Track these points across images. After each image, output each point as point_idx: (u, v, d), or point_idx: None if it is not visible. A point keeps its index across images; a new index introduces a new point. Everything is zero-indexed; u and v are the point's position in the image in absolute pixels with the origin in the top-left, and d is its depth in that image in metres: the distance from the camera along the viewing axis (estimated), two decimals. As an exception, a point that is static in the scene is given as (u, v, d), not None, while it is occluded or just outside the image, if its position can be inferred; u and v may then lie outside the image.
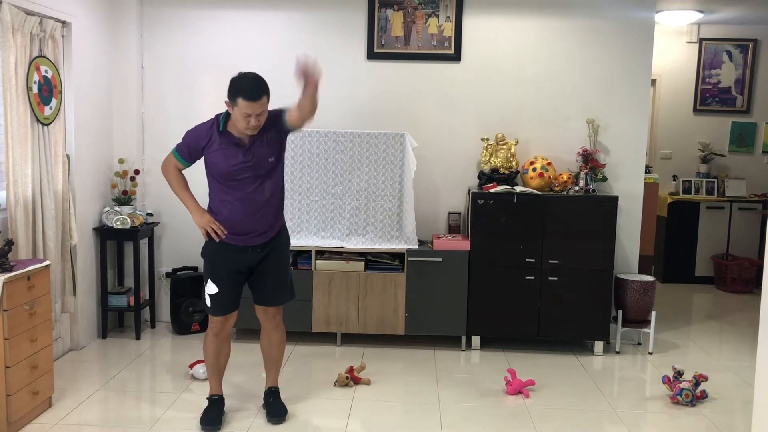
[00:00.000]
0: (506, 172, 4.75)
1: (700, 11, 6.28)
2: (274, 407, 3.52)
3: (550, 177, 4.71)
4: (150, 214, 4.97)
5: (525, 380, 3.95)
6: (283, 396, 3.61)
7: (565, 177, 4.71)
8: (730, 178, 7.01)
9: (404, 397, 3.88)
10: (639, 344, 4.89)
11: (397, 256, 4.66)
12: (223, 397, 3.52)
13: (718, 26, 6.94)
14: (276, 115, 3.27)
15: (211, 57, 4.95)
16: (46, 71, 4.02)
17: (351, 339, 4.78)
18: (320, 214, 4.71)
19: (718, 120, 7.13)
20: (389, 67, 4.96)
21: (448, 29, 4.90)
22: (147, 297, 5.02)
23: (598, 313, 4.59)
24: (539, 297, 4.59)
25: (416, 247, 4.65)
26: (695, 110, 7.14)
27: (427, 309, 4.62)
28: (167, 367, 4.31)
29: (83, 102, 4.48)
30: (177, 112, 4.98)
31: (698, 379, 3.87)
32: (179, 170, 3.37)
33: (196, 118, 3.55)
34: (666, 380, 3.94)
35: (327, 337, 4.78)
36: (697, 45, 7.03)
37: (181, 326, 4.89)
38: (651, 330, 4.68)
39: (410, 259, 4.60)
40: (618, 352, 4.71)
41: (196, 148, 3.28)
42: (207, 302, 3.39)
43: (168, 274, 5.05)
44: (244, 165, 3.21)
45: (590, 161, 4.76)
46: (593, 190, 4.68)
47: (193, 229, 4.19)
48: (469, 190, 4.76)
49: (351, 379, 3.98)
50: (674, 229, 6.88)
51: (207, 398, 3.50)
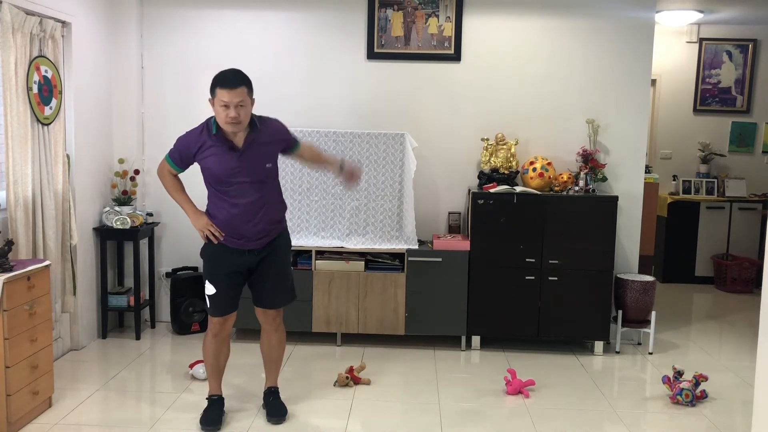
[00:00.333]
0: (506, 172, 4.75)
1: (700, 11, 6.28)
2: (274, 407, 3.52)
3: (550, 177, 4.71)
4: (150, 214, 4.97)
5: (525, 380, 3.95)
6: (283, 396, 3.61)
7: (565, 177, 4.71)
8: (730, 178, 7.01)
9: (404, 397, 3.88)
10: (639, 344, 4.89)
11: (397, 256, 4.66)
12: (223, 398, 3.52)
13: (718, 26, 6.94)
14: (289, 139, 3.36)
15: (211, 57, 4.94)
16: (46, 71, 4.02)
17: (351, 339, 4.78)
18: (320, 214, 4.71)
19: (718, 120, 7.12)
20: (389, 67, 4.96)
21: (448, 29, 4.90)
22: (147, 297, 5.02)
23: (598, 313, 4.59)
24: (539, 297, 4.59)
25: (416, 247, 4.65)
26: (695, 110, 7.14)
27: (427, 309, 4.62)
28: (167, 367, 4.31)
29: (83, 102, 4.48)
30: (177, 112, 4.98)
31: (698, 379, 3.87)
32: (174, 175, 3.37)
33: (196, 118, 3.54)
34: (666, 380, 3.94)
35: (327, 337, 4.78)
36: (697, 45, 7.03)
37: (181, 326, 4.89)
38: (651, 330, 4.68)
39: (410, 259, 4.60)
40: (618, 352, 4.71)
41: (187, 155, 3.26)
42: (207, 302, 3.40)
43: (168, 274, 5.05)
44: (239, 170, 3.19)
45: (590, 161, 4.76)
46: (593, 190, 4.68)
47: (192, 230, 4.15)
48: (469, 190, 4.76)
49: (351, 379, 3.98)
50: (674, 229, 6.88)
51: (207, 398, 3.50)
